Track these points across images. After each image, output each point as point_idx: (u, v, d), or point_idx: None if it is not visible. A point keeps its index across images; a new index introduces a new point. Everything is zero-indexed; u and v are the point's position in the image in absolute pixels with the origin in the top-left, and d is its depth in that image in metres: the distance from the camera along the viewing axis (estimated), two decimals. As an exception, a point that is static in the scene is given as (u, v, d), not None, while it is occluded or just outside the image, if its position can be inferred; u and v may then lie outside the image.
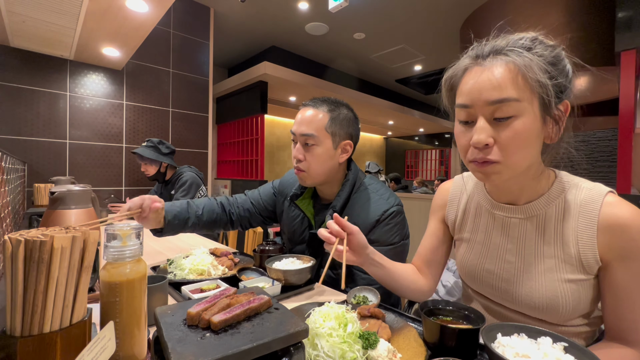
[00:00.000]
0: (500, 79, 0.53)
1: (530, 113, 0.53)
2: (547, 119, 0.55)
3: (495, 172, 0.56)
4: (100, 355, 0.34)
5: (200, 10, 3.53)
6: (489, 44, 0.58)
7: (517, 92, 0.52)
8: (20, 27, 1.97)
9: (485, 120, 0.55)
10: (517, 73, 0.53)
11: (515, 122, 0.53)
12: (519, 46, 0.55)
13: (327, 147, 0.96)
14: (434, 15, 3.82)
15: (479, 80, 0.55)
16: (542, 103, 0.54)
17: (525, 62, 0.53)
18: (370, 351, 0.49)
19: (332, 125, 0.96)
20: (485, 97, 0.54)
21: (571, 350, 0.46)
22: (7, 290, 0.34)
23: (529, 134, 0.54)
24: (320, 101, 1.00)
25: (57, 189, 0.91)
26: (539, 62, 0.53)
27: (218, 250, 1.06)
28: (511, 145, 0.54)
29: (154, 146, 2.20)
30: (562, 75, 0.55)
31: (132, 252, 0.44)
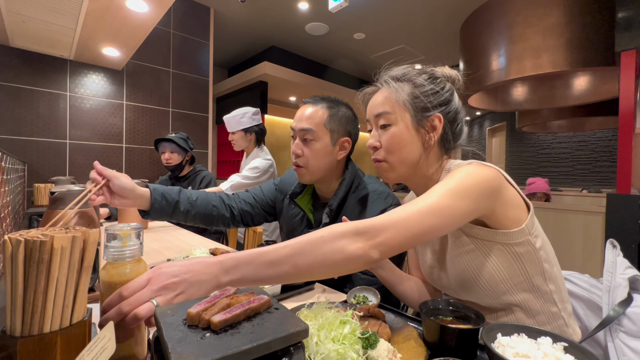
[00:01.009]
0: (379, 100, 0.74)
1: (402, 122, 0.71)
2: (419, 128, 0.71)
3: (384, 169, 0.75)
4: (100, 355, 0.34)
5: (200, 10, 3.53)
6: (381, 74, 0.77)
7: (387, 108, 0.71)
8: (20, 27, 1.97)
9: (375, 129, 0.75)
10: (389, 95, 0.72)
11: (391, 129, 0.71)
12: (392, 77, 0.74)
13: (325, 143, 0.98)
14: (434, 15, 3.82)
15: (373, 100, 0.76)
16: (412, 116, 0.71)
17: (392, 87, 0.72)
18: (370, 351, 0.49)
19: (331, 121, 0.98)
20: (373, 112, 0.75)
21: (571, 350, 0.46)
22: (7, 290, 0.34)
23: (402, 138, 0.71)
24: (320, 98, 1.03)
25: (57, 189, 0.91)
26: (405, 87, 0.71)
27: (218, 250, 1.06)
28: (389, 147, 0.72)
29: (184, 139, 2.25)
30: (431, 96, 0.71)
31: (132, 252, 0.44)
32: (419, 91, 0.71)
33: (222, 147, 5.33)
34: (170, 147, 2.18)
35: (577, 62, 2.73)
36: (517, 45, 2.96)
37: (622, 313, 0.64)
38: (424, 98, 0.70)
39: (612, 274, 0.71)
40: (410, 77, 0.73)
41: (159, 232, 1.65)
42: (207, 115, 3.53)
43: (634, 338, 0.63)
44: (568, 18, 2.76)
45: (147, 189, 0.93)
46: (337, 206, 0.99)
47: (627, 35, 2.19)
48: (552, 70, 2.80)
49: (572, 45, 2.74)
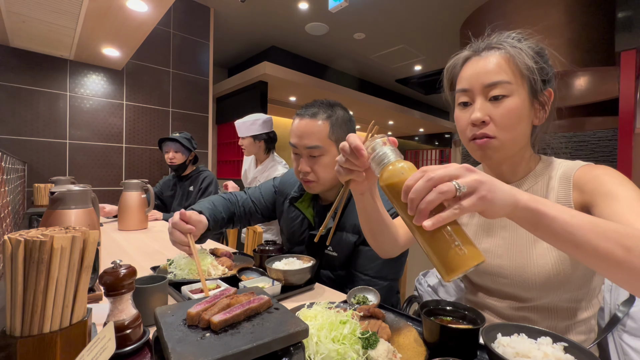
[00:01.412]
0: (494, 65, 0.62)
1: (520, 94, 0.62)
2: (534, 102, 0.64)
3: (493, 147, 0.63)
4: (100, 355, 0.34)
5: (200, 10, 3.53)
6: (484, 41, 0.67)
7: (508, 76, 0.61)
8: (20, 27, 1.97)
9: (482, 100, 0.63)
10: (509, 59, 0.62)
11: (507, 101, 0.61)
12: (510, 38, 0.65)
13: (333, 155, 0.95)
14: (434, 15, 3.82)
15: (476, 67, 0.64)
16: (530, 86, 0.62)
17: (515, 51, 0.62)
18: (370, 351, 0.49)
19: (334, 131, 0.94)
20: (482, 81, 0.63)
21: (571, 350, 0.46)
22: (7, 290, 0.34)
23: (519, 112, 0.62)
24: (315, 108, 0.96)
25: (57, 189, 0.91)
26: (528, 51, 0.62)
27: (218, 250, 1.06)
28: (505, 122, 0.62)
29: (189, 139, 2.26)
30: (547, 67, 0.64)
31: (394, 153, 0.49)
32: (543, 60, 0.63)
33: (222, 147, 5.33)
34: (174, 146, 2.19)
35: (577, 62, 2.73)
36: (517, 45, 2.97)
37: (626, 313, 0.64)
38: (546, 68, 0.63)
39: None
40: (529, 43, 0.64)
41: (159, 232, 1.65)
42: (207, 115, 3.53)
43: (635, 337, 0.63)
44: (568, 18, 2.76)
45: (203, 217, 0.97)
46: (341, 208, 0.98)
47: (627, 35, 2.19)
48: (552, 70, 2.80)
49: (572, 45, 2.74)
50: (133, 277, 0.52)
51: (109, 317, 0.50)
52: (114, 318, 0.50)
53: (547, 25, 2.83)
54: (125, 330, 0.50)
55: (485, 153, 0.65)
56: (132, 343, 0.50)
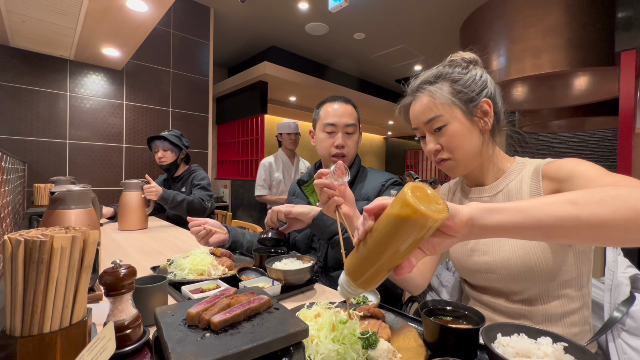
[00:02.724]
0: (424, 106, 0.74)
1: (455, 119, 0.71)
2: (472, 118, 0.72)
3: (452, 166, 0.75)
4: (100, 355, 0.34)
5: (200, 10, 3.53)
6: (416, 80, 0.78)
7: (436, 111, 0.72)
8: (20, 27, 1.97)
9: (429, 134, 0.75)
10: (431, 99, 0.72)
11: (447, 129, 0.72)
12: (426, 82, 0.75)
13: (358, 134, 1.18)
14: (434, 15, 3.82)
15: (414, 110, 0.77)
16: (461, 109, 0.71)
17: (431, 92, 0.72)
18: (370, 351, 0.49)
19: (358, 117, 1.19)
20: (421, 120, 0.75)
21: (571, 350, 0.46)
22: (7, 290, 0.34)
23: (460, 133, 0.71)
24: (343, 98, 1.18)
25: (57, 189, 0.91)
26: (445, 86, 0.72)
27: (218, 250, 1.06)
28: (451, 145, 0.72)
29: (178, 136, 2.20)
30: (470, 85, 0.72)
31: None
32: (460, 85, 0.71)
33: (222, 147, 5.33)
34: (162, 145, 2.12)
35: (577, 62, 2.73)
36: (517, 45, 2.96)
37: (626, 312, 0.64)
38: (466, 90, 0.71)
39: (613, 273, 0.71)
40: (444, 75, 0.73)
41: (159, 232, 1.65)
42: (207, 115, 3.53)
43: (634, 337, 0.63)
44: (568, 18, 2.76)
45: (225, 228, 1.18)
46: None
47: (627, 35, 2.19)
48: (552, 70, 2.80)
49: (572, 45, 2.74)
50: (133, 277, 0.52)
51: (109, 317, 0.50)
52: (114, 318, 0.50)
53: (547, 25, 2.83)
54: (125, 330, 0.50)
55: (449, 171, 0.76)
56: (132, 343, 0.50)
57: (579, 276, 0.68)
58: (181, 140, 2.20)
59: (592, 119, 4.53)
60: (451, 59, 0.77)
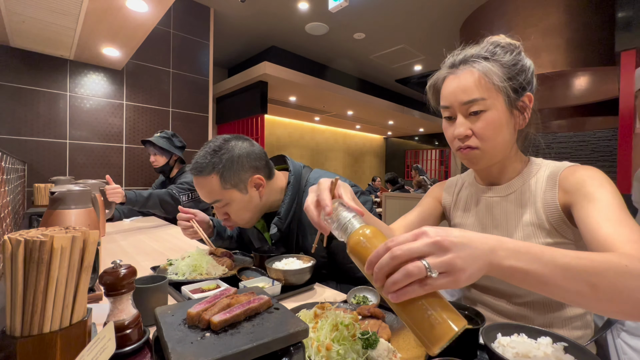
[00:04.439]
0: (468, 84, 0.66)
1: (496, 107, 0.66)
2: (512, 110, 0.67)
3: (477, 156, 0.69)
4: (100, 355, 0.34)
5: (200, 10, 3.53)
6: (460, 54, 0.71)
7: (481, 93, 0.65)
8: (20, 27, 1.97)
9: (462, 117, 0.68)
10: (479, 78, 0.66)
11: (485, 115, 0.66)
12: (480, 56, 0.68)
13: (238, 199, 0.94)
14: (434, 15, 3.82)
15: (453, 86, 0.69)
16: (505, 98, 0.66)
17: (484, 69, 0.66)
18: (370, 351, 0.49)
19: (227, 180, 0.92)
20: (459, 99, 0.67)
21: (571, 350, 0.46)
22: (7, 290, 0.34)
23: (497, 123, 0.66)
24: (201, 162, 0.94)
25: (57, 189, 0.91)
26: (497, 68, 0.66)
27: (218, 250, 1.06)
28: (485, 134, 0.66)
29: (168, 138, 2.16)
30: (521, 74, 0.67)
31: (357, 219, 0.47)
32: (512, 72, 0.66)
33: (222, 147, 5.32)
34: (151, 149, 2.11)
35: (577, 62, 2.74)
36: (517, 45, 2.97)
37: None
38: (517, 78, 0.66)
39: None
40: (498, 56, 0.67)
41: (159, 232, 1.65)
42: (207, 115, 3.53)
43: (634, 336, 0.63)
44: (568, 18, 2.76)
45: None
46: (285, 212, 0.99)
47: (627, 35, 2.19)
48: (552, 70, 2.80)
49: (572, 45, 2.74)
50: (133, 277, 0.52)
51: (109, 317, 0.50)
52: (114, 318, 0.50)
53: (547, 25, 2.83)
54: (125, 330, 0.50)
55: (471, 161, 0.71)
56: (132, 343, 0.50)
57: None
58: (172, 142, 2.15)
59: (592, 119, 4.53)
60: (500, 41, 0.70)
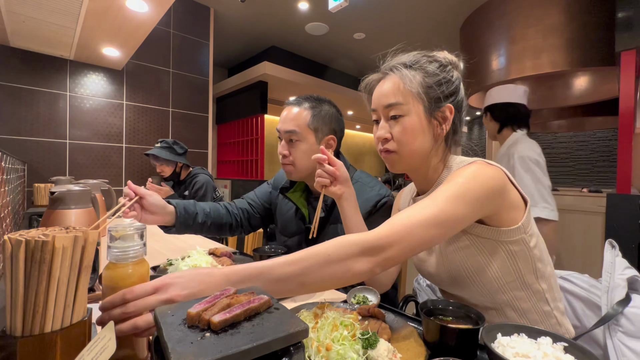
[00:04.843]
0: (389, 89, 0.69)
1: (414, 113, 0.68)
2: (431, 119, 0.69)
3: (394, 160, 0.72)
4: (100, 355, 0.34)
5: (200, 10, 3.53)
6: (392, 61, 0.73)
7: (400, 98, 0.68)
8: (20, 27, 1.97)
9: (384, 120, 0.71)
10: (399, 84, 0.68)
11: (403, 120, 0.68)
12: (403, 63, 0.70)
13: (310, 143, 1.00)
14: (434, 15, 3.82)
15: (379, 89, 0.72)
16: (425, 106, 0.68)
17: (403, 75, 0.68)
18: (370, 351, 0.49)
19: (314, 121, 1.00)
20: (382, 103, 0.70)
21: (571, 350, 0.46)
22: (7, 290, 0.34)
23: (414, 129, 0.68)
24: (302, 99, 1.03)
25: (57, 189, 0.91)
26: (418, 76, 0.68)
27: (218, 250, 1.06)
28: (401, 138, 0.68)
29: (169, 147, 2.19)
30: (442, 85, 0.68)
31: (135, 253, 0.44)
32: (432, 81, 0.68)
33: (222, 147, 5.33)
34: (157, 160, 2.18)
35: (577, 62, 2.73)
36: (517, 45, 2.96)
37: (620, 312, 0.64)
38: (436, 88, 0.68)
39: (610, 275, 0.71)
40: (421, 65, 0.70)
41: (159, 232, 1.65)
42: (207, 115, 3.53)
43: (632, 338, 0.63)
44: (568, 18, 2.76)
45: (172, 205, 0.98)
46: (331, 200, 1.01)
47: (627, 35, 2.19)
48: (552, 70, 2.80)
49: (572, 45, 2.74)
50: (133, 277, 0.52)
51: (109, 317, 0.50)
52: (114, 318, 0.50)
53: (547, 25, 2.83)
54: (126, 330, 0.50)
55: (389, 164, 0.74)
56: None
57: (521, 276, 0.67)
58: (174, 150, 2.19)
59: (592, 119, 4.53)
60: (435, 54, 0.75)
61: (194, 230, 1.07)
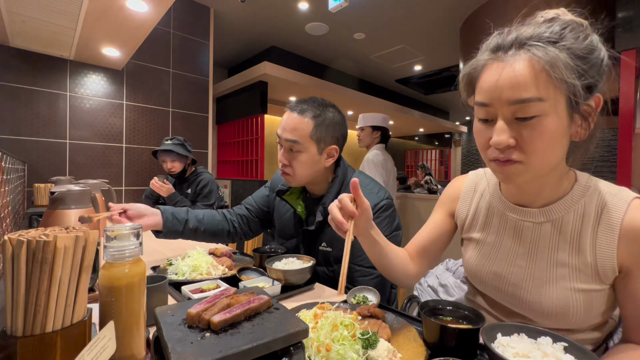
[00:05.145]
0: (522, 78, 0.48)
1: (555, 112, 0.49)
2: (574, 116, 0.51)
3: (518, 173, 0.53)
4: (100, 355, 0.34)
5: (200, 10, 3.52)
6: (513, 33, 0.52)
7: (540, 92, 0.48)
8: (20, 27, 1.97)
9: (505, 121, 0.51)
10: (541, 71, 0.47)
11: (539, 122, 0.49)
12: (545, 39, 0.49)
13: (312, 154, 0.96)
14: (434, 15, 3.82)
15: (499, 77, 0.50)
16: (568, 101, 0.49)
17: (550, 58, 0.47)
18: (370, 351, 0.49)
19: (317, 132, 0.95)
20: (505, 97, 0.50)
21: (571, 350, 0.46)
22: (7, 290, 0.34)
23: (553, 134, 0.49)
24: (306, 105, 0.97)
25: (57, 189, 0.91)
26: (567, 57, 0.47)
27: (218, 250, 1.06)
28: (534, 146, 0.50)
29: (181, 143, 2.25)
30: (594, 69, 0.49)
31: (131, 252, 0.44)
32: (585, 64, 0.49)
33: (222, 147, 5.32)
34: (170, 156, 2.21)
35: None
36: (517, 45, 2.97)
37: None
38: (590, 73, 0.49)
39: None
40: (567, 41, 0.49)
41: (159, 232, 1.65)
42: (207, 115, 3.53)
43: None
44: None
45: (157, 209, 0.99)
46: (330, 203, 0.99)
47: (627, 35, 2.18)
48: (552, 70, 2.80)
49: (572, 45, 2.74)
50: (133, 277, 0.52)
51: (109, 317, 0.50)
52: (114, 318, 0.50)
53: (547, 25, 2.83)
54: (126, 330, 0.50)
55: (508, 177, 0.55)
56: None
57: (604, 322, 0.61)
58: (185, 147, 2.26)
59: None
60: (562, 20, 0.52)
61: (186, 236, 1.06)
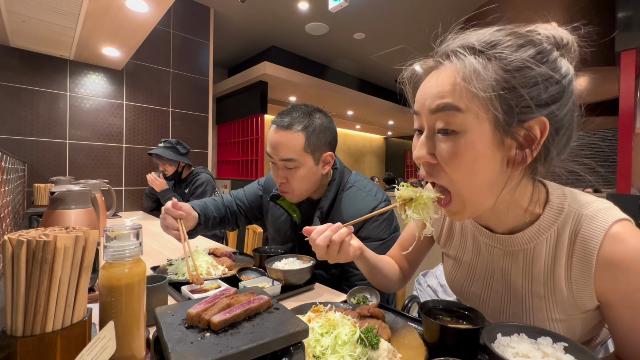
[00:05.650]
0: (442, 87, 0.43)
1: (478, 130, 0.42)
2: (505, 140, 0.43)
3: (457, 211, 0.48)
4: (100, 355, 0.34)
5: (200, 10, 3.53)
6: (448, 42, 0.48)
7: (456, 100, 0.42)
8: (20, 27, 1.97)
9: (428, 133, 0.47)
10: (462, 80, 0.42)
11: (458, 139, 0.43)
12: (469, 47, 0.44)
13: (309, 167, 0.93)
14: (434, 16, 3.82)
15: (428, 83, 0.47)
16: (494, 120, 0.42)
17: (470, 65, 0.41)
18: (370, 351, 0.49)
19: (310, 143, 0.91)
20: (427, 104, 0.45)
21: (571, 350, 0.46)
22: (7, 290, 0.34)
23: (474, 156, 0.43)
24: (292, 119, 0.91)
25: (57, 189, 0.91)
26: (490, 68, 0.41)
27: (218, 250, 1.06)
28: (453, 166, 0.44)
29: (173, 147, 2.25)
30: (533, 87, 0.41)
31: (131, 252, 0.44)
32: (515, 79, 0.41)
33: (222, 147, 5.33)
34: (161, 160, 2.22)
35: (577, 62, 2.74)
36: (517, 45, 2.97)
37: None
38: (523, 90, 0.41)
39: None
40: (502, 49, 0.42)
41: (159, 232, 1.65)
42: (207, 115, 3.53)
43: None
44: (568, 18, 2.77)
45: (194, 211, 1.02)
46: (327, 207, 0.99)
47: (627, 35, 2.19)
48: (552, 70, 2.80)
49: (572, 45, 2.75)
50: (133, 277, 0.52)
51: (109, 317, 0.50)
52: (114, 318, 0.50)
53: (547, 25, 2.83)
54: (126, 330, 0.50)
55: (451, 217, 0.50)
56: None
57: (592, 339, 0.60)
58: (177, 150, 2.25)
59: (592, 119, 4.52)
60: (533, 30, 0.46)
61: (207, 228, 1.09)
